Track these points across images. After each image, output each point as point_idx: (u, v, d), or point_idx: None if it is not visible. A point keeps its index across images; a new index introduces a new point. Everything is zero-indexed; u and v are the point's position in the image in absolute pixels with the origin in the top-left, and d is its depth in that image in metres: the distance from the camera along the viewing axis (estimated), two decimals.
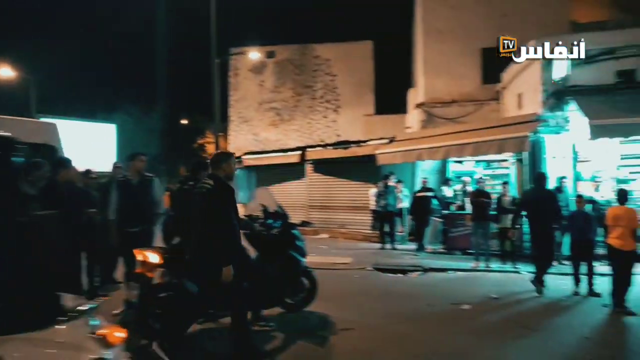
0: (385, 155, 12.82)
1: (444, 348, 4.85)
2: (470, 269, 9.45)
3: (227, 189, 4.34)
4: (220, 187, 4.28)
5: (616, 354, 4.81)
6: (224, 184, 4.33)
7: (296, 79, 21.56)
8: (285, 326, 5.47)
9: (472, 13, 14.66)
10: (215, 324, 5.44)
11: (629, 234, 6.32)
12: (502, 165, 12.38)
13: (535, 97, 10.72)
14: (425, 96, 15.14)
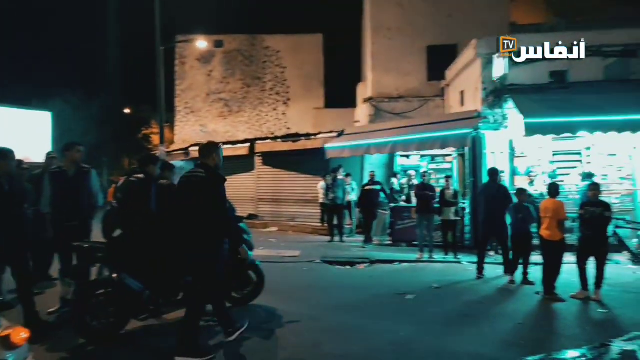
0: (334, 148, 12.94)
1: (389, 337, 4.99)
2: (414, 260, 9.76)
3: (220, 178, 4.40)
4: (214, 175, 4.36)
5: (545, 337, 5.15)
6: (216, 173, 4.41)
7: (245, 70, 21.24)
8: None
9: (419, 12, 15.04)
10: (158, 320, 5.30)
11: (556, 225, 6.77)
12: (446, 160, 12.87)
13: (476, 95, 11.19)
14: (373, 91, 15.40)
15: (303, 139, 14.51)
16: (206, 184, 4.28)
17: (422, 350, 4.65)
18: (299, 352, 4.61)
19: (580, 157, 10.66)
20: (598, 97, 9.73)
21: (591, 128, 9.42)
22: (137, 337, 4.98)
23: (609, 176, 10.49)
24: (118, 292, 4.73)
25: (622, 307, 6.26)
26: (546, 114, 9.47)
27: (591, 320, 5.87)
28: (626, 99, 9.65)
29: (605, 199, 9.55)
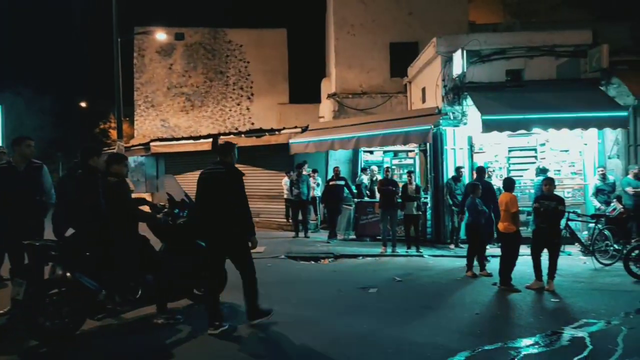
0: (298, 144, 12.92)
1: (351, 330, 5.05)
2: (378, 254, 9.91)
3: (240, 173, 5.00)
4: (235, 171, 4.99)
5: (501, 327, 5.35)
6: (236, 168, 5.02)
7: (208, 63, 20.84)
8: (192, 318, 5.35)
9: (381, 8, 15.19)
10: (116, 320, 5.16)
11: (510, 218, 7.03)
12: (409, 156, 13.10)
13: (436, 92, 11.43)
14: (337, 87, 15.47)
15: (267, 134, 14.40)
16: (228, 178, 4.89)
17: (383, 341, 4.73)
18: (261, 348, 4.60)
19: (535, 153, 11.09)
20: (551, 95, 10.14)
21: (545, 125, 9.81)
22: (94, 338, 4.83)
23: (562, 171, 10.97)
24: (72, 291, 4.60)
25: (573, 296, 6.58)
26: (502, 111, 9.79)
27: (544, 309, 6.14)
28: (577, 97, 10.11)
29: (559, 193, 10.06)
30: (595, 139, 10.65)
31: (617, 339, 4.76)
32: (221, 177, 4.90)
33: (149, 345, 4.68)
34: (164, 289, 5.24)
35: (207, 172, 5.01)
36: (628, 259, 7.53)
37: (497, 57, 10.81)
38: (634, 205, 9.54)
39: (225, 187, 4.87)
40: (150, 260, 5.21)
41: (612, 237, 8.79)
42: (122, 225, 4.95)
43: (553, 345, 4.66)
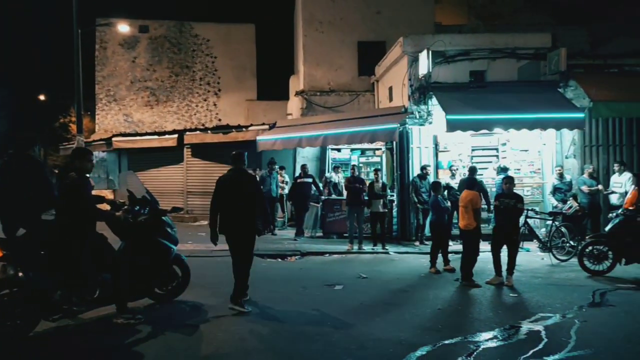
0: (266, 141, 12.83)
1: (316, 328, 5.06)
2: (344, 251, 9.96)
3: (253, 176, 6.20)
4: (248, 174, 6.15)
5: (462, 321, 5.48)
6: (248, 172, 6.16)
7: (173, 57, 20.36)
8: (154, 318, 5.24)
9: (350, 7, 15.25)
10: (73, 320, 4.99)
11: (472, 216, 7.21)
12: (376, 154, 13.23)
13: (403, 91, 11.58)
14: (305, 84, 15.43)
15: (234, 131, 14.26)
16: (245, 180, 5.84)
17: (347, 338, 4.76)
18: (224, 347, 4.54)
19: (497, 152, 11.40)
20: (512, 97, 10.44)
21: (506, 125, 10.09)
22: (50, 338, 4.66)
23: (522, 170, 11.32)
24: (25, 291, 4.44)
25: (530, 291, 6.81)
26: (466, 111, 10.01)
27: (503, 304, 6.33)
28: (537, 99, 10.44)
29: (518, 191, 10.37)
30: (553, 139, 11.04)
31: (571, 331, 4.95)
32: (238, 180, 5.77)
33: (107, 345, 4.55)
34: (123, 289, 5.10)
35: (226, 177, 5.86)
36: (582, 255, 7.85)
37: (462, 58, 11.04)
38: (588, 203, 9.96)
39: (242, 188, 5.72)
40: (108, 260, 5.06)
41: (568, 234, 9.15)
42: (79, 223, 4.81)
43: (511, 338, 4.81)
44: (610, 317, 5.54)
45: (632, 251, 7.58)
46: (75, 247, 4.77)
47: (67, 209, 4.77)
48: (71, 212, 4.77)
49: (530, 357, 4.25)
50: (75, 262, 4.76)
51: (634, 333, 4.92)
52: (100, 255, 4.99)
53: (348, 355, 4.35)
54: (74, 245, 4.77)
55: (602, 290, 6.68)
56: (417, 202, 10.52)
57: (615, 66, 11.18)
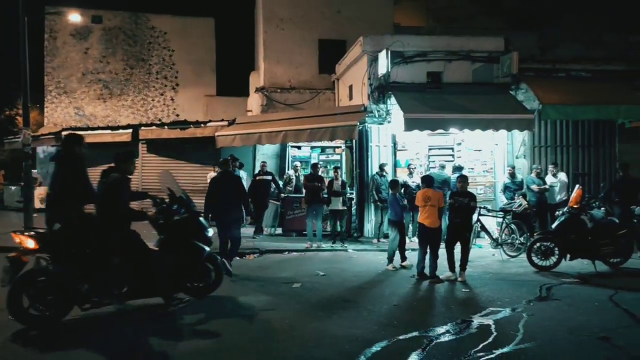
0: (225, 137, 12.63)
1: (273, 325, 5.04)
2: (303, 249, 9.97)
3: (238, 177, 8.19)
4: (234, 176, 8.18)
5: (416, 317, 5.60)
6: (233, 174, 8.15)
7: (128, 50, 19.66)
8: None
9: (310, 5, 15.24)
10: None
11: (436, 214, 7.38)
12: (336, 152, 13.29)
13: (363, 90, 11.70)
14: (265, 81, 15.31)
15: (192, 127, 13.93)
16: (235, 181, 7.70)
17: (304, 335, 4.77)
18: (175, 345, 4.43)
19: (453, 152, 11.72)
20: (467, 98, 10.76)
21: (460, 125, 10.39)
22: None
23: (475, 169, 11.69)
24: (55, 282, 4.84)
25: (482, 286, 7.05)
26: (423, 111, 10.23)
27: (456, 299, 6.52)
28: (490, 100, 10.82)
29: (472, 189, 10.70)
30: (505, 139, 11.47)
31: (519, 325, 5.16)
32: (227, 180, 7.57)
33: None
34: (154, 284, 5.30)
35: (218, 178, 7.89)
36: (530, 251, 8.20)
37: (419, 59, 11.26)
38: (537, 201, 10.41)
39: (229, 186, 7.50)
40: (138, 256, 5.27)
41: (517, 231, 9.53)
42: (113, 221, 5.11)
43: (462, 333, 4.96)
44: (555, 310, 5.82)
45: (576, 247, 8.00)
46: (107, 243, 5.05)
47: (104, 206, 5.13)
48: (107, 210, 5.11)
49: (480, 351, 4.39)
50: (105, 256, 5.03)
51: (575, 325, 5.19)
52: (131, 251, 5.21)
53: (305, 352, 4.35)
54: (106, 241, 5.05)
55: (548, 285, 7.00)
56: (377, 199, 10.66)
57: (563, 71, 11.74)
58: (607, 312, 5.71)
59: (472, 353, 4.34)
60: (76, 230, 4.99)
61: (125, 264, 5.12)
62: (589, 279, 7.44)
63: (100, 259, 5.00)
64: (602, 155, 11.65)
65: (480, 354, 4.33)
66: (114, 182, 5.19)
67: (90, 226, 5.09)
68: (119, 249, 5.10)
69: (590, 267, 7.99)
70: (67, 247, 4.91)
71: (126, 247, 5.17)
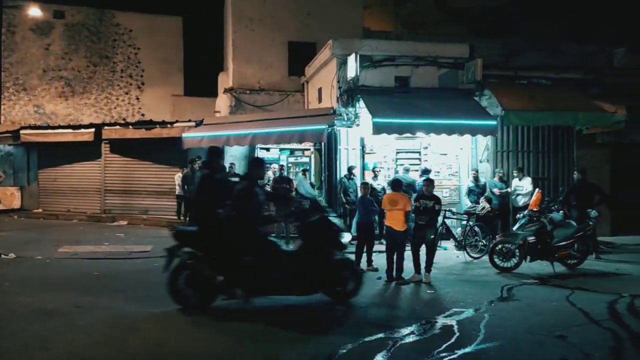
0: (192, 139, 12.44)
1: (234, 329, 4.98)
2: None
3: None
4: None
5: (383, 318, 5.66)
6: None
7: (92, 47, 19.06)
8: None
9: (281, 6, 15.19)
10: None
11: (403, 217, 7.47)
12: (305, 154, 13.28)
13: (332, 93, 11.75)
14: (234, 82, 15.17)
15: (158, 127, 13.68)
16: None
17: (267, 340, 4.74)
18: (139, 353, 4.33)
19: (419, 155, 11.92)
20: (433, 103, 10.97)
21: (427, 130, 10.58)
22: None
23: (441, 173, 11.93)
24: (194, 273, 5.58)
25: (446, 287, 7.19)
26: (391, 115, 10.35)
27: (421, 300, 6.63)
28: (455, 105, 11.06)
29: (438, 192, 10.89)
30: (469, 144, 11.75)
31: (480, 325, 5.29)
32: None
33: None
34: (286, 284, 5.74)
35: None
36: (493, 253, 8.43)
37: (388, 63, 11.40)
38: (499, 204, 10.73)
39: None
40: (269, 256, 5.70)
41: (481, 233, 9.77)
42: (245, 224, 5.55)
43: (426, 333, 5.04)
44: (515, 310, 6.00)
45: (536, 249, 8.27)
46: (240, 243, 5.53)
47: (237, 211, 5.60)
48: (239, 215, 5.57)
49: (443, 351, 4.48)
50: (239, 257, 5.49)
51: (534, 325, 5.36)
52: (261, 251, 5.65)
53: (269, 357, 4.32)
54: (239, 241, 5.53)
55: (509, 286, 7.21)
56: (346, 202, 10.72)
57: (525, 78, 12.14)
58: (564, 311, 5.93)
59: (435, 353, 4.42)
60: (212, 231, 5.64)
61: (255, 264, 5.55)
62: (548, 280, 7.71)
63: (231, 257, 5.54)
64: (561, 160, 12.12)
65: (443, 354, 4.41)
66: (244, 190, 5.65)
67: (226, 228, 5.63)
68: (249, 249, 5.56)
69: (549, 269, 8.27)
70: (205, 245, 5.60)
71: (256, 248, 5.63)
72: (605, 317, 5.61)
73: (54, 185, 15.30)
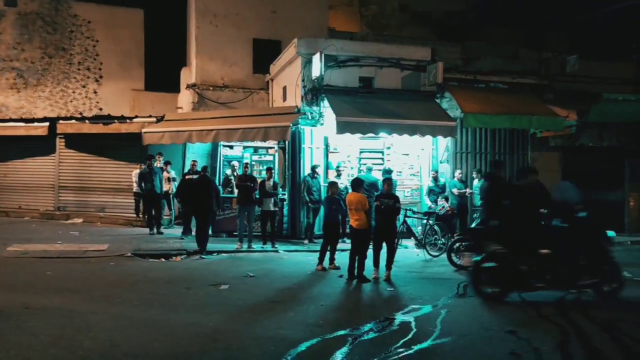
0: (152, 134, 12.13)
1: (196, 330, 4.90)
2: (234, 250, 9.83)
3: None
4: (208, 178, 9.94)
5: (342, 316, 5.72)
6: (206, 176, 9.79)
7: (47, 37, 18.22)
8: None
9: (246, 3, 15.04)
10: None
11: (364, 216, 7.55)
12: (269, 152, 13.21)
13: (296, 92, 11.75)
14: (197, 78, 14.90)
15: (117, 122, 13.27)
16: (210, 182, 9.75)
17: (227, 339, 4.69)
18: (91, 355, 4.19)
19: (382, 155, 12.10)
20: (396, 104, 11.17)
21: (390, 130, 10.76)
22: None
23: (403, 173, 12.15)
24: (503, 268, 6.20)
25: (405, 284, 7.34)
26: (355, 115, 10.48)
27: (381, 298, 6.75)
28: (417, 107, 11.31)
29: (400, 192, 11.11)
30: (430, 145, 12.03)
31: (437, 321, 5.43)
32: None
33: None
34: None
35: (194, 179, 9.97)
36: (450, 251, 8.67)
37: (352, 64, 11.51)
38: (458, 204, 11.03)
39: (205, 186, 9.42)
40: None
41: (440, 232, 10.03)
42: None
43: (385, 330, 5.13)
44: (470, 307, 6.19)
45: None
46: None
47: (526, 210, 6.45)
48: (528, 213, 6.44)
49: (400, 347, 4.57)
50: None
51: (487, 320, 5.56)
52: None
53: (227, 356, 4.29)
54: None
55: (465, 283, 7.39)
56: (309, 200, 10.74)
57: (483, 82, 12.55)
58: (516, 307, 6.17)
59: (392, 349, 4.51)
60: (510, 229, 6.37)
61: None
62: None
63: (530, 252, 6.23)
64: (516, 161, 12.59)
65: (400, 349, 4.50)
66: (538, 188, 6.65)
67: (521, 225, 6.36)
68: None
69: None
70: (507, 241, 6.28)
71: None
72: (554, 312, 5.87)
73: (4, 181, 14.59)
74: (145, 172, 11.26)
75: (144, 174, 11.24)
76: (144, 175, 11.20)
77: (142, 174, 11.28)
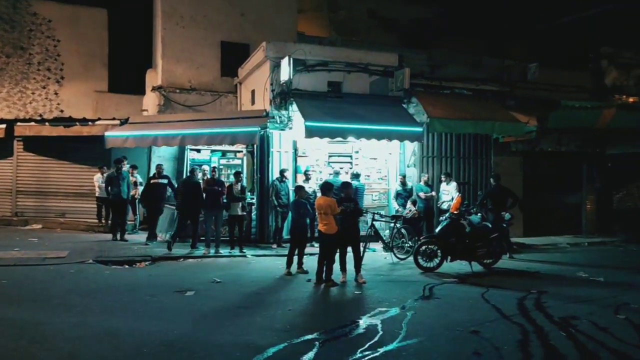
0: (116, 138, 11.81)
1: (160, 338, 4.79)
2: (201, 255, 9.67)
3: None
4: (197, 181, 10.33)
5: (309, 320, 5.72)
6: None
7: (4, 36, 17.49)
8: None
9: (212, 5, 14.88)
10: None
11: (332, 220, 7.56)
12: (237, 156, 13.08)
13: (265, 95, 11.70)
14: (163, 80, 14.63)
15: (78, 124, 12.84)
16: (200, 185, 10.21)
17: (192, 346, 4.60)
18: None
19: (351, 159, 12.18)
20: (364, 108, 11.28)
21: (358, 135, 10.85)
22: None
23: (371, 177, 12.28)
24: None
25: (372, 287, 7.40)
26: (323, 119, 10.52)
27: (348, 301, 6.78)
28: (384, 112, 11.45)
29: (368, 196, 11.22)
30: (397, 149, 12.21)
31: (403, 323, 5.50)
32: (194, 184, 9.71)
33: None
34: None
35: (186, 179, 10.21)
36: (417, 254, 8.80)
37: (321, 68, 11.56)
38: (424, 207, 11.23)
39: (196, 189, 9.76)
40: None
41: (407, 235, 10.17)
42: None
43: (351, 333, 5.16)
44: (435, 308, 6.31)
45: (456, 250, 8.76)
46: None
47: None
48: None
49: (366, 350, 4.60)
50: None
51: (451, 321, 5.67)
52: None
53: None
54: None
55: (431, 285, 7.57)
56: (277, 205, 10.70)
57: (448, 88, 12.85)
58: (479, 308, 6.33)
59: (359, 352, 4.53)
60: None
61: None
62: (466, 279, 8.19)
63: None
64: (480, 166, 12.93)
65: (367, 352, 4.54)
66: None
67: None
68: None
69: (468, 268, 8.79)
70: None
71: None
72: (515, 312, 6.06)
73: None
74: (112, 175, 10.93)
75: (111, 178, 10.90)
76: (112, 179, 10.86)
77: (110, 178, 10.93)
